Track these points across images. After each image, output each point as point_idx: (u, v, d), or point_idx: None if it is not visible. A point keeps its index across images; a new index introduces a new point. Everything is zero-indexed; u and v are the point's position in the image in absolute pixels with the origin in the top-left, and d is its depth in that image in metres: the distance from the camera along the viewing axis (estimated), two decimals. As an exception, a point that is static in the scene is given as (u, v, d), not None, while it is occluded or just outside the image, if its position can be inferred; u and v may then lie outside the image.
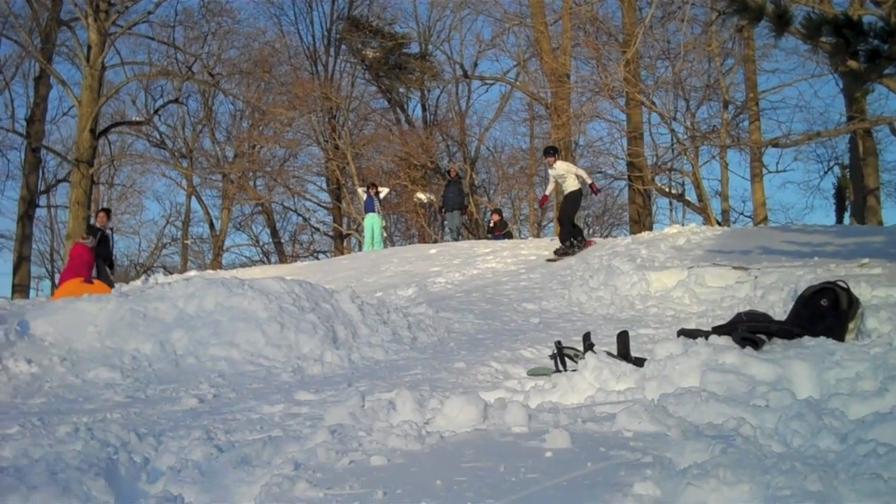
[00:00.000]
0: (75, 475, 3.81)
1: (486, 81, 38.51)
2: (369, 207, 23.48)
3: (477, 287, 14.05)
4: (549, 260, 16.22)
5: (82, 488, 3.68)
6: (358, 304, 10.07)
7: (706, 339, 5.84)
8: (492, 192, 39.86)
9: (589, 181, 17.40)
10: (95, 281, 14.77)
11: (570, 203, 16.99)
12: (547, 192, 18.80)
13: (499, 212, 26.61)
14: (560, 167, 17.12)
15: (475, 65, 38.39)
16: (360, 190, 25.12)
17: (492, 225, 25.31)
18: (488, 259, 17.02)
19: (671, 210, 38.54)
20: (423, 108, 40.33)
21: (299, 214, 41.80)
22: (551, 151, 17.79)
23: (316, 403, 6.35)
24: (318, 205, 40.76)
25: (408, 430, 4.17)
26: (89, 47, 26.01)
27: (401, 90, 39.72)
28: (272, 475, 3.65)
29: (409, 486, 3.33)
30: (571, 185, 16.85)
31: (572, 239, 16.55)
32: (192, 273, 19.06)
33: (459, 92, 38.54)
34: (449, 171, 26.23)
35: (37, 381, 8.20)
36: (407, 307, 11.16)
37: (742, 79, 29.79)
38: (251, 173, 37.76)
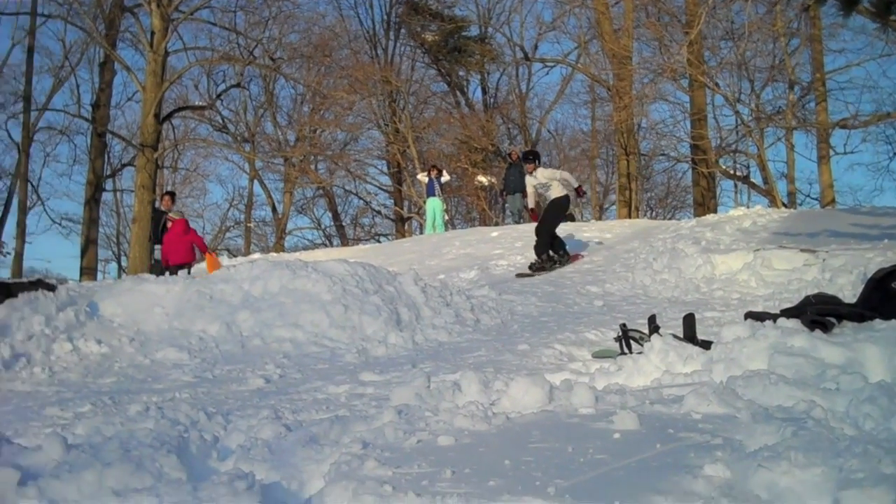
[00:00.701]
0: (148, 452, 3.87)
1: (547, 64, 38.36)
2: (430, 191, 23.51)
3: (539, 269, 14.02)
4: (521, 276, 14.00)
5: (155, 465, 3.74)
6: (421, 287, 10.10)
7: (774, 321, 5.76)
8: (552, 174, 39.58)
9: (575, 185, 15.28)
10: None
11: (554, 210, 14.78)
12: (531, 205, 15.51)
13: (560, 195, 26.44)
14: (541, 175, 14.82)
15: (535, 47, 38.18)
16: (421, 175, 25.16)
17: (553, 207, 25.13)
18: (550, 242, 16.95)
19: (736, 192, 37.79)
20: (483, 91, 40.23)
21: (360, 198, 41.98)
22: (531, 157, 15.34)
23: (381, 384, 6.40)
24: (379, 188, 40.88)
25: (474, 410, 4.18)
26: (152, 33, 26.24)
27: (460, 73, 39.63)
28: (341, 454, 3.67)
29: (477, 465, 3.33)
30: (556, 191, 14.73)
31: (550, 252, 14.43)
32: (256, 256, 19.28)
33: (520, 74, 38.41)
34: (510, 154, 26.12)
35: (107, 361, 8.37)
36: (469, 289, 11.18)
37: (808, 59, 29.22)
38: (313, 157, 37.94)
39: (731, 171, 31.30)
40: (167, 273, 13.89)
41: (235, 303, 9.50)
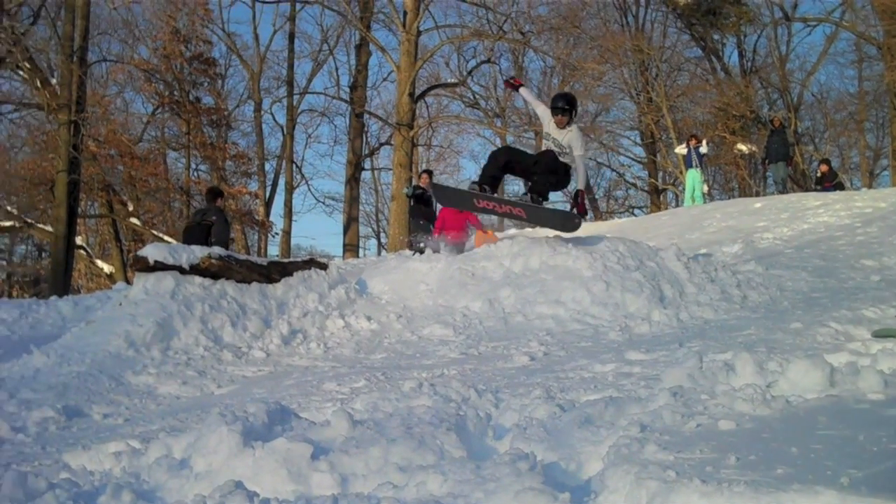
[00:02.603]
0: (428, 430, 4.00)
1: (809, 23, 36.53)
2: (689, 162, 23.08)
3: (808, 242, 13.38)
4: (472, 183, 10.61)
5: (436, 442, 3.85)
6: (684, 262, 9.88)
7: None
8: (818, 140, 37.85)
9: (582, 182, 10.62)
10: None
11: (551, 174, 10.38)
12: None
13: (827, 161, 25.14)
14: (574, 138, 10.24)
15: (795, 6, 36.43)
16: (679, 148, 24.65)
17: (819, 175, 24.01)
18: (819, 212, 16.16)
19: None
20: (740, 55, 38.88)
21: (613, 170, 41.70)
22: (567, 107, 10.30)
23: (648, 363, 6.31)
24: (633, 160, 40.32)
25: (752, 393, 4.04)
26: (405, 13, 27.08)
27: (715, 37, 38.38)
28: (619, 436, 3.64)
29: (763, 452, 3.21)
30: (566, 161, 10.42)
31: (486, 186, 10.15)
32: (513, 231, 19.47)
33: (779, 35, 36.71)
34: (771, 121, 25.10)
35: (376, 337, 8.75)
36: (734, 264, 10.83)
37: None
38: (563, 129, 37.92)
39: None
40: (426, 246, 14.21)
41: (497, 279, 9.64)
